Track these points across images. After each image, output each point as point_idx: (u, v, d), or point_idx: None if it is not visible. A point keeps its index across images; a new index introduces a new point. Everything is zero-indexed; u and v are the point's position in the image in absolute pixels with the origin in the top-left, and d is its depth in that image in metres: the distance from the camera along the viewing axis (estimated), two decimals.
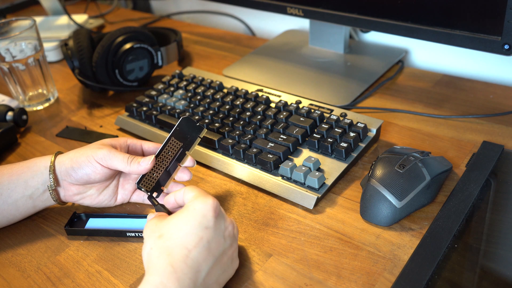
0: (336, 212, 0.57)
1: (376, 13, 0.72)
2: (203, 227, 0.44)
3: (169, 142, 0.56)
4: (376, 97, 0.78)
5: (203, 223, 0.45)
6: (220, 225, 0.46)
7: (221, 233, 0.46)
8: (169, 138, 0.56)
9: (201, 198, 0.46)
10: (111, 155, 0.55)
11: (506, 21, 0.60)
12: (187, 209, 0.46)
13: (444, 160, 0.60)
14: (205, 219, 0.45)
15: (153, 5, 1.38)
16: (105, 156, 0.54)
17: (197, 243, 0.44)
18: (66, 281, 0.52)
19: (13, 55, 0.81)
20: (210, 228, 0.45)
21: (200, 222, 0.45)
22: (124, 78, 0.84)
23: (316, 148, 0.63)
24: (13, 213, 0.57)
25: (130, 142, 0.59)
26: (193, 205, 0.46)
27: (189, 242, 0.44)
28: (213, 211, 0.45)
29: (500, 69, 0.83)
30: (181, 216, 0.46)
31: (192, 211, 0.45)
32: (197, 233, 0.44)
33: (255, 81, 0.84)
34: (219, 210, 0.46)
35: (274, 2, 0.84)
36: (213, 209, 0.45)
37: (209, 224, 0.45)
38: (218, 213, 0.46)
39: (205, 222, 0.45)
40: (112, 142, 0.58)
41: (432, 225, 0.52)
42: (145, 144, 0.60)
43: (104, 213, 0.60)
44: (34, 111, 0.86)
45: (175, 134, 0.57)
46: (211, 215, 0.45)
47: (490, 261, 0.49)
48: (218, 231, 0.45)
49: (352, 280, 0.48)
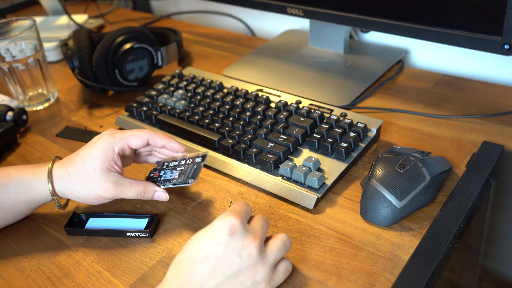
0: (336, 212, 0.57)
1: (376, 13, 0.72)
2: (214, 243, 0.44)
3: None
4: (376, 97, 0.78)
5: (214, 239, 0.44)
6: (235, 243, 0.44)
7: (235, 252, 0.43)
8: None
9: (224, 215, 0.45)
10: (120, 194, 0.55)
11: (506, 21, 0.60)
12: (208, 226, 0.46)
13: (444, 160, 0.60)
14: (217, 236, 0.44)
15: (153, 5, 1.38)
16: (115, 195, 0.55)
17: (203, 258, 0.43)
18: (66, 281, 0.52)
19: (13, 55, 0.81)
20: (221, 245, 0.43)
21: (211, 238, 0.44)
22: (124, 78, 0.84)
23: (316, 148, 0.63)
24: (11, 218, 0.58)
25: (151, 140, 0.57)
26: (214, 221, 0.45)
27: (196, 256, 0.43)
28: (228, 228, 0.44)
29: (500, 69, 0.83)
30: (200, 232, 0.46)
31: (209, 227, 0.45)
32: (206, 248, 0.43)
33: (255, 81, 0.84)
34: (238, 228, 0.44)
35: (274, 2, 0.84)
36: (228, 226, 0.44)
37: (220, 241, 0.43)
38: (234, 230, 0.44)
39: (217, 238, 0.44)
40: (122, 146, 0.56)
41: (432, 225, 0.52)
42: (168, 143, 0.58)
43: (104, 213, 0.60)
44: (34, 111, 0.86)
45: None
46: (225, 232, 0.44)
47: (490, 261, 0.49)
48: (231, 249, 0.43)
49: (352, 280, 0.48)
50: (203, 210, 0.59)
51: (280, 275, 0.47)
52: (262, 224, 0.47)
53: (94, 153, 0.54)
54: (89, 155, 0.54)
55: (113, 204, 0.62)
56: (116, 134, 0.56)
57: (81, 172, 0.54)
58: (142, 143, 0.56)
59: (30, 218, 0.61)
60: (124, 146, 0.56)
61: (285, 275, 0.47)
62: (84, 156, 0.55)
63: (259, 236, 0.45)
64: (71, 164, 0.55)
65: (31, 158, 0.73)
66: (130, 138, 0.56)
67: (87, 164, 0.54)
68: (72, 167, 0.55)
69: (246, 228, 0.45)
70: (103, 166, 0.54)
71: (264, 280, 0.45)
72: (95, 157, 0.54)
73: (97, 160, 0.54)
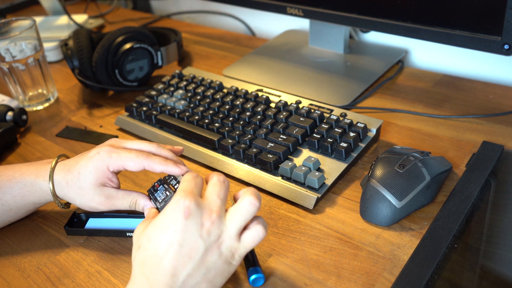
0: (336, 212, 0.57)
1: (376, 13, 0.72)
2: (172, 231, 0.43)
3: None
4: (376, 97, 0.78)
5: (171, 227, 0.43)
6: (193, 225, 0.43)
7: (195, 233, 0.43)
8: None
9: (174, 199, 0.44)
10: (113, 206, 0.54)
11: (506, 21, 0.60)
12: (161, 214, 0.45)
13: (444, 160, 0.60)
14: (174, 223, 0.43)
15: (153, 5, 1.38)
16: (108, 208, 0.54)
17: (167, 249, 0.42)
18: (66, 281, 0.52)
19: (13, 55, 0.81)
20: (180, 231, 0.43)
21: (168, 226, 0.43)
22: (124, 78, 0.84)
23: (316, 148, 0.63)
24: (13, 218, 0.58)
25: (148, 167, 0.52)
26: (166, 208, 0.44)
27: (160, 249, 0.43)
28: (182, 212, 0.43)
29: (500, 69, 0.83)
30: (154, 223, 0.44)
31: (163, 216, 0.44)
32: (166, 238, 0.43)
33: (255, 81, 0.84)
34: (192, 209, 0.43)
35: (274, 2, 0.84)
36: (183, 210, 0.43)
37: (178, 227, 0.43)
38: (189, 213, 0.43)
39: (174, 226, 0.43)
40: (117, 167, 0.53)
41: (432, 225, 0.52)
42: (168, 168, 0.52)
43: (104, 213, 0.60)
44: (34, 111, 0.86)
45: None
46: (179, 217, 0.43)
47: (490, 261, 0.49)
48: (190, 232, 0.43)
49: (352, 280, 0.48)
50: None
51: (249, 241, 0.45)
52: (218, 191, 0.46)
53: (89, 168, 0.53)
54: (85, 168, 0.53)
55: None
56: (113, 154, 0.53)
57: (77, 184, 0.54)
58: (138, 168, 0.53)
59: (30, 218, 0.61)
60: (120, 168, 0.53)
61: (254, 239, 0.45)
62: (80, 169, 0.54)
63: (215, 209, 0.44)
64: (69, 172, 0.54)
65: (31, 158, 0.73)
66: (126, 161, 0.53)
67: (82, 177, 0.53)
68: (70, 176, 0.54)
69: (200, 205, 0.44)
70: (97, 181, 0.53)
71: (230, 251, 0.44)
72: (89, 172, 0.53)
73: (91, 175, 0.53)
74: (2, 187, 0.56)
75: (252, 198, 0.45)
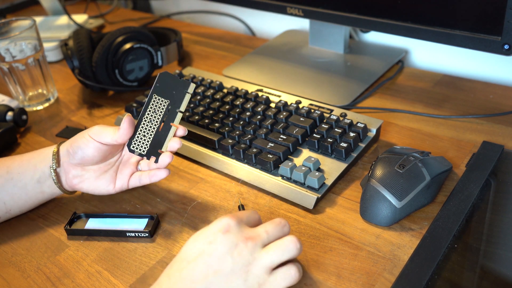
0: (336, 212, 0.57)
1: (376, 13, 0.72)
2: (207, 241, 0.44)
3: (151, 100, 0.55)
4: (376, 97, 0.78)
5: (208, 238, 0.44)
6: (227, 242, 0.43)
7: (227, 250, 0.43)
8: (150, 96, 0.55)
9: (221, 217, 0.45)
10: (102, 129, 0.55)
11: (506, 21, 0.60)
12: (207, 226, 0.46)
13: (444, 160, 0.60)
14: (211, 234, 0.44)
15: (153, 5, 1.38)
16: (97, 131, 0.55)
17: (196, 257, 0.43)
18: (66, 281, 0.52)
19: (13, 55, 0.81)
20: (214, 243, 0.43)
21: (206, 236, 0.44)
22: (124, 78, 0.84)
23: (316, 148, 0.63)
24: (23, 197, 0.59)
25: None
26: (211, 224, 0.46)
27: (190, 255, 0.44)
28: (223, 227, 0.44)
29: (500, 69, 0.83)
30: (198, 231, 0.46)
31: (206, 227, 0.45)
32: (200, 247, 0.44)
33: (255, 81, 0.84)
34: (232, 227, 0.44)
35: (274, 2, 0.84)
36: (223, 225, 0.44)
37: (214, 239, 0.43)
38: (228, 230, 0.44)
39: (211, 237, 0.44)
40: None
41: (432, 225, 0.52)
42: None
43: (104, 213, 0.60)
44: (34, 111, 0.86)
45: (157, 91, 0.55)
46: (218, 231, 0.44)
47: (490, 261, 0.49)
48: (223, 247, 0.43)
49: (352, 280, 0.48)
50: (203, 210, 0.59)
51: (278, 280, 0.43)
52: (269, 228, 0.45)
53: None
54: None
55: (113, 204, 0.62)
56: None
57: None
58: None
59: (30, 218, 0.61)
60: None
61: (285, 280, 0.43)
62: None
63: (255, 237, 0.44)
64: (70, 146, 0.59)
65: None
66: None
67: None
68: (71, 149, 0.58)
69: (241, 228, 0.45)
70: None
71: (257, 282, 0.42)
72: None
73: None
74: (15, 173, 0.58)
75: (296, 239, 0.44)
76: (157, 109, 0.55)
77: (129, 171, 0.59)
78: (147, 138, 0.55)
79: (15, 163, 0.59)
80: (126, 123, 0.54)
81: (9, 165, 0.59)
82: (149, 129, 0.55)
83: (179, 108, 0.55)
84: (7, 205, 0.58)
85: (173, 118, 0.55)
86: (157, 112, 0.55)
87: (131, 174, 0.59)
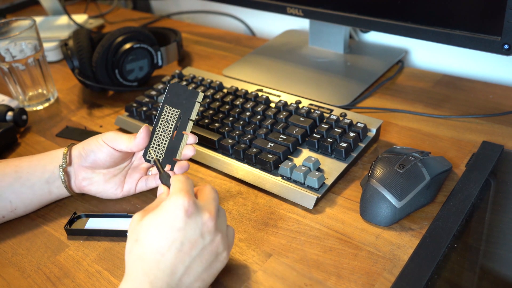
0: (336, 212, 0.57)
1: (376, 13, 0.72)
2: (175, 229, 0.43)
3: (163, 110, 0.56)
4: (376, 97, 0.78)
5: (174, 225, 0.43)
6: (195, 224, 0.44)
7: (197, 232, 0.44)
8: (162, 107, 0.56)
9: (173, 197, 0.45)
10: (117, 136, 0.56)
11: (506, 21, 0.60)
12: (160, 210, 0.45)
13: (444, 160, 0.60)
14: (176, 221, 0.43)
15: (153, 5, 1.38)
16: (111, 137, 0.56)
17: (169, 246, 0.43)
18: (66, 281, 0.52)
19: (13, 55, 0.81)
20: (182, 229, 0.43)
21: (171, 224, 0.43)
22: (124, 78, 0.84)
23: (316, 148, 0.63)
24: (30, 197, 0.59)
25: None
26: (165, 205, 0.45)
27: (161, 246, 0.43)
28: (184, 211, 0.44)
29: (500, 69, 0.83)
30: (154, 218, 0.44)
31: (164, 212, 0.44)
32: (169, 236, 0.43)
33: (255, 81, 0.84)
34: (192, 208, 0.44)
35: (274, 2, 0.84)
36: (184, 209, 0.44)
37: (180, 226, 0.43)
38: (191, 211, 0.44)
39: (177, 223, 0.43)
40: None
41: (431, 225, 0.52)
42: None
43: (104, 213, 0.60)
44: (34, 111, 0.86)
45: (168, 101, 0.56)
46: (181, 215, 0.43)
47: (490, 261, 0.49)
48: (192, 230, 0.44)
49: (352, 280, 0.48)
50: None
51: (231, 238, 0.49)
52: (214, 196, 0.48)
53: None
54: None
55: (113, 204, 0.62)
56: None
57: None
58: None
59: (30, 218, 0.61)
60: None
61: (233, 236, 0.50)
62: None
63: (213, 211, 0.46)
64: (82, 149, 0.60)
65: None
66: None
67: None
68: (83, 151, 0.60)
69: (199, 205, 0.45)
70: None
71: (224, 249, 0.46)
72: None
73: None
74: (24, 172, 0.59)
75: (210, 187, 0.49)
76: (169, 119, 0.56)
77: (138, 176, 0.61)
78: (162, 147, 0.56)
79: (24, 163, 0.59)
80: (144, 133, 0.55)
81: (17, 165, 0.59)
82: (163, 138, 0.56)
83: (190, 117, 0.56)
84: (13, 204, 0.58)
85: (185, 127, 0.56)
86: (170, 122, 0.56)
87: (139, 179, 0.61)
